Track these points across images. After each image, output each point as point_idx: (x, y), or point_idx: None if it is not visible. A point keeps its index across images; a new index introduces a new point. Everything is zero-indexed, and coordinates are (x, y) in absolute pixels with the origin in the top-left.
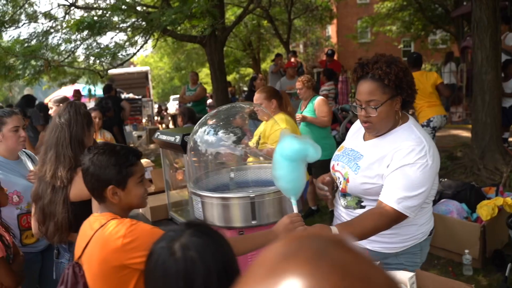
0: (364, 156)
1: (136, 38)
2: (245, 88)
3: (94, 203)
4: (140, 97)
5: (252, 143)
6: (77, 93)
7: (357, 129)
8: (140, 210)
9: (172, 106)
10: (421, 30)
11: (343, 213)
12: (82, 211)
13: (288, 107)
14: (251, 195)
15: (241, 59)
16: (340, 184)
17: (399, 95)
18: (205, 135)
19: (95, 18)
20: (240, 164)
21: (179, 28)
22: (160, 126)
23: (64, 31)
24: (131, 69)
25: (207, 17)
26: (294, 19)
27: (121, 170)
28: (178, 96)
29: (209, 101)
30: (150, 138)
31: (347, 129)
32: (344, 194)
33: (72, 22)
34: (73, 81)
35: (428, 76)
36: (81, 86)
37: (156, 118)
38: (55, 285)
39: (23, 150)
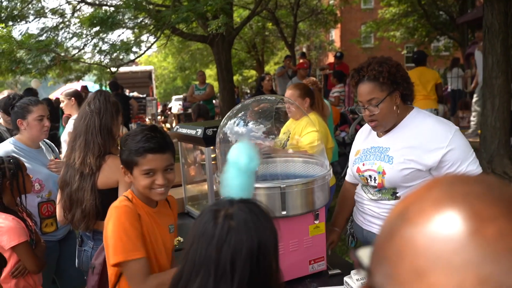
0: (391, 147)
1: (143, 36)
2: (248, 91)
3: None
4: (144, 95)
5: (279, 142)
6: (84, 89)
7: (368, 132)
8: None
9: (175, 106)
10: (425, 36)
11: (372, 206)
12: (109, 199)
13: (323, 107)
14: (282, 186)
15: (245, 61)
16: (374, 180)
17: (397, 90)
18: (235, 126)
19: (108, 14)
20: (267, 157)
21: (186, 27)
22: (163, 125)
23: (74, 26)
24: (135, 68)
25: (221, 15)
26: (299, 22)
27: (129, 155)
28: (180, 96)
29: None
30: None
31: (356, 131)
32: (380, 189)
33: (84, 17)
34: (78, 78)
35: (432, 72)
36: (86, 83)
37: (159, 117)
38: (71, 275)
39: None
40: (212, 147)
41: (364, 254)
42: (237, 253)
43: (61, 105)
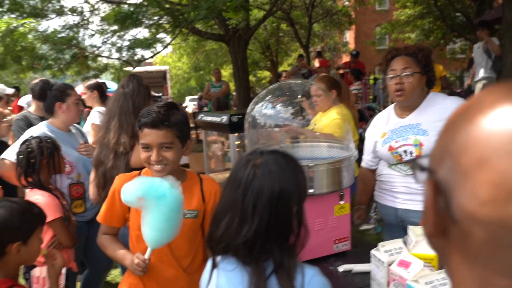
0: (421, 123)
1: (160, 35)
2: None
3: None
4: (160, 94)
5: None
6: (104, 85)
7: (386, 117)
8: None
9: (190, 106)
10: (440, 38)
11: (408, 182)
12: None
13: (347, 97)
14: (310, 164)
15: (259, 62)
16: (411, 154)
17: (426, 74)
18: (263, 109)
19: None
20: (293, 142)
21: (205, 25)
22: None
23: (94, 24)
24: (150, 68)
25: (240, 11)
26: (314, 23)
27: (137, 124)
28: (194, 97)
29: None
30: None
31: None
32: None
33: (108, 14)
34: (96, 76)
35: (436, 66)
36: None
37: None
38: (98, 256)
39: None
40: (236, 134)
41: (423, 160)
42: (259, 197)
43: (83, 97)
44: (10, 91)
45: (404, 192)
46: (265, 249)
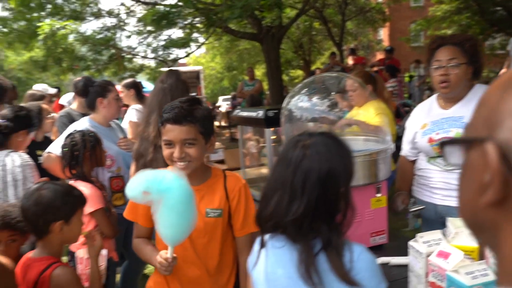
0: (465, 116)
1: (194, 35)
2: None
3: None
4: (194, 94)
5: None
6: (140, 85)
7: (428, 108)
8: None
9: (223, 106)
10: (479, 34)
11: (447, 178)
12: None
13: (385, 93)
14: None
15: (292, 61)
16: None
17: (472, 65)
18: (299, 102)
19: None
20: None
21: (238, 24)
22: None
23: (131, 26)
24: (184, 68)
25: (274, 9)
26: (347, 21)
27: (159, 120)
28: (227, 97)
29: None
30: None
31: None
32: None
33: (145, 14)
34: (132, 76)
35: None
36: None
37: None
38: None
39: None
40: (272, 129)
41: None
42: (308, 177)
43: (121, 95)
44: (53, 91)
45: (443, 188)
46: (313, 227)
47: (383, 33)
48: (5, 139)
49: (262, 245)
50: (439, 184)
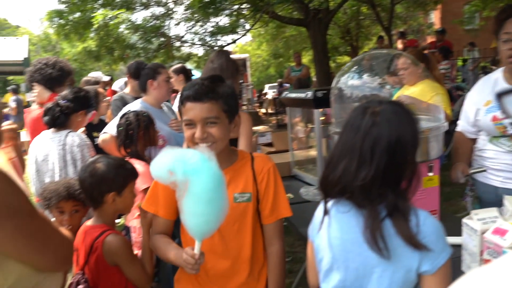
0: None
1: (240, 21)
2: None
3: None
4: (241, 82)
5: None
6: (190, 71)
7: (492, 83)
8: None
9: (270, 93)
10: None
11: (505, 160)
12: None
13: (435, 71)
14: None
15: (339, 47)
16: None
17: None
18: (349, 80)
19: None
20: None
21: (285, 9)
22: (259, 110)
23: (180, 12)
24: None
25: None
26: (396, 4)
27: (179, 99)
28: (273, 84)
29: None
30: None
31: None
32: None
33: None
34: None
35: None
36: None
37: (256, 103)
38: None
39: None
40: (321, 110)
41: None
42: (377, 144)
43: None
44: (106, 78)
45: (506, 170)
46: (380, 193)
47: (435, 16)
48: (66, 119)
49: (326, 211)
50: (501, 166)
